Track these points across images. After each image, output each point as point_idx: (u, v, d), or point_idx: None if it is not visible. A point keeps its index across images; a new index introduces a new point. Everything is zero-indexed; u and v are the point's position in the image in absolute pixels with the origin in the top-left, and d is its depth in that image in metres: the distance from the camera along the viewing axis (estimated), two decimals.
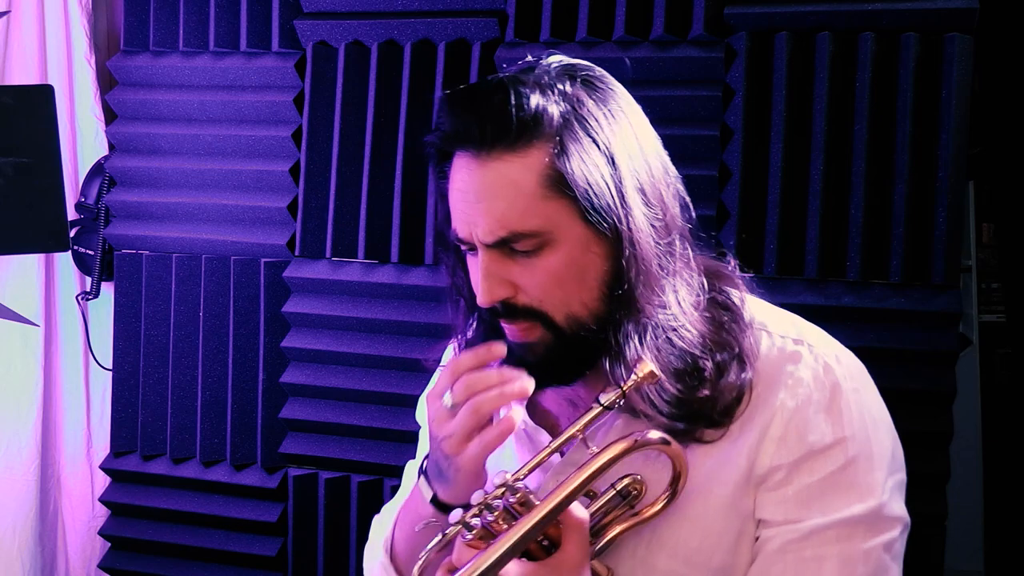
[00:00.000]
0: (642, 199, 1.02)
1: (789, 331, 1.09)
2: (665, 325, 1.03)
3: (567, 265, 1.01)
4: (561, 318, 1.03)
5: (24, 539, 2.52)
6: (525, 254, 1.01)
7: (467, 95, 1.02)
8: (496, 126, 0.99)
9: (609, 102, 1.04)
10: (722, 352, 1.04)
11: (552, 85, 1.01)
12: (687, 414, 1.02)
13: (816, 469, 1.02)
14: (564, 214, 1.00)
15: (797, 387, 1.04)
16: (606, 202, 0.99)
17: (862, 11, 1.94)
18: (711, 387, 1.03)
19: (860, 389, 1.07)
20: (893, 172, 1.93)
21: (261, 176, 2.34)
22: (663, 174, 1.06)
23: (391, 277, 2.23)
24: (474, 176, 1.00)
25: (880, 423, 1.07)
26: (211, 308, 2.38)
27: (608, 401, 1.01)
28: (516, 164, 0.99)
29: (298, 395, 2.31)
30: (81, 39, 2.54)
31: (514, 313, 1.03)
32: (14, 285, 2.52)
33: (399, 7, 2.23)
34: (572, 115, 1.00)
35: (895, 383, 1.92)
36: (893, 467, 1.06)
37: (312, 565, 2.31)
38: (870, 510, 1.02)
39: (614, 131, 1.02)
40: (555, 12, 2.11)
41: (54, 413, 2.60)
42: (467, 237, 1.03)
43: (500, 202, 0.99)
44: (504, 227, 0.99)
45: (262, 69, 2.34)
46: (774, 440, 1.03)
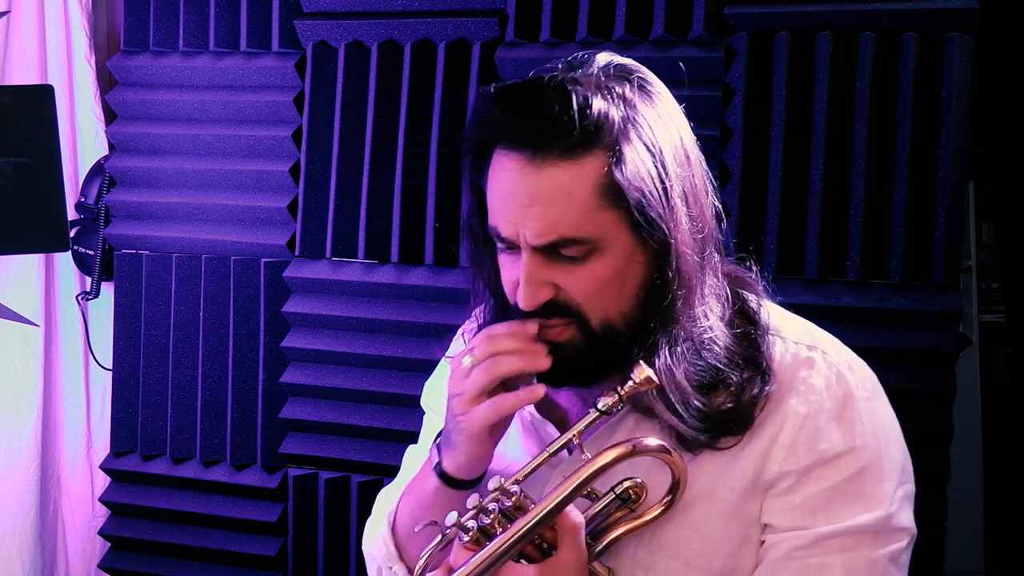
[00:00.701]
0: (686, 210, 1.02)
1: (803, 337, 1.09)
2: (696, 338, 1.03)
3: (611, 273, 1.01)
4: (597, 323, 1.02)
5: (24, 539, 2.52)
6: (571, 259, 1.00)
7: (526, 93, 1.00)
8: (556, 130, 0.96)
9: (658, 106, 1.03)
10: (747, 366, 1.04)
11: (611, 89, 1.00)
12: (709, 426, 1.02)
13: (825, 477, 1.02)
14: (615, 223, 0.99)
15: (809, 394, 1.04)
16: (656, 213, 0.99)
17: (862, 11, 1.94)
18: (734, 400, 1.02)
19: (872, 399, 1.07)
20: (893, 172, 1.93)
21: (261, 176, 2.34)
22: (704, 181, 1.06)
23: (391, 277, 2.23)
24: (527, 179, 0.98)
25: (891, 434, 1.07)
26: (211, 308, 2.38)
27: (606, 406, 1.01)
28: (573, 171, 0.97)
29: (298, 395, 2.31)
30: (81, 39, 2.54)
31: (552, 312, 1.02)
32: (14, 285, 2.52)
33: (399, 7, 2.23)
34: (629, 121, 0.99)
35: (895, 383, 1.90)
36: (903, 478, 1.05)
37: (312, 565, 2.31)
38: (877, 520, 1.01)
39: (665, 138, 1.01)
40: (555, 12, 2.11)
41: (54, 413, 2.60)
42: (512, 237, 1.01)
43: (553, 209, 0.98)
44: (555, 232, 0.98)
45: (262, 69, 2.34)
46: (784, 447, 1.03)
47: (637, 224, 0.99)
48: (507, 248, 1.04)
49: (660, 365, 1.01)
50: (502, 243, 1.04)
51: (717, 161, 2.02)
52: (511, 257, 1.04)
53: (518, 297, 1.02)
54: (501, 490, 0.99)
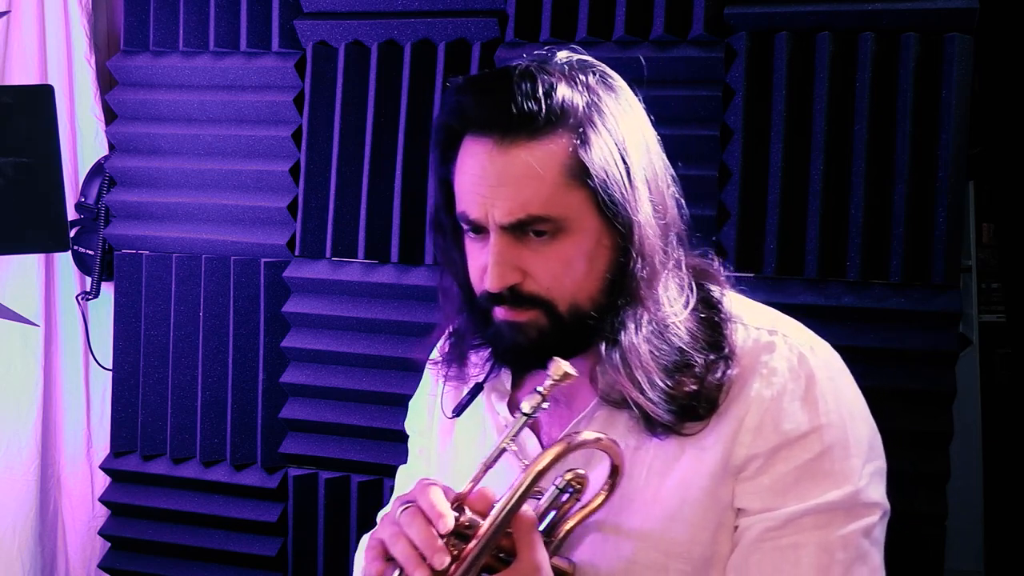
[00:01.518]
0: (648, 194, 1.06)
1: (764, 323, 1.10)
2: (659, 321, 1.05)
3: (579, 254, 1.03)
4: (565, 307, 1.05)
5: (24, 539, 2.52)
6: (539, 237, 1.03)
7: (494, 80, 1.04)
8: (523, 113, 1.00)
9: (620, 97, 1.07)
10: (710, 351, 1.06)
11: (576, 77, 1.04)
12: (675, 408, 1.04)
13: (792, 457, 1.03)
14: (581, 203, 1.02)
15: (772, 377, 1.05)
16: (620, 193, 1.02)
17: (862, 11, 1.94)
18: (698, 383, 1.04)
19: (835, 378, 1.08)
20: (893, 172, 1.93)
21: (261, 176, 2.34)
22: (665, 172, 1.10)
23: (391, 277, 2.23)
24: (496, 160, 1.02)
25: (856, 412, 1.08)
26: (211, 308, 2.38)
27: (531, 408, 1.01)
28: (540, 151, 1.01)
29: (298, 395, 2.31)
30: (81, 39, 2.54)
31: (519, 301, 1.04)
32: (14, 285, 2.52)
33: (399, 7, 2.23)
34: (593, 107, 1.03)
35: (895, 383, 1.92)
36: (871, 455, 1.06)
37: (312, 565, 2.31)
38: (847, 496, 1.02)
39: (627, 127, 1.05)
40: (555, 12, 2.11)
41: (54, 413, 2.60)
42: (481, 219, 1.03)
43: (522, 188, 1.01)
44: (524, 210, 1.01)
45: (262, 69, 2.34)
46: (750, 430, 1.04)
47: (602, 206, 1.02)
48: (475, 234, 1.06)
49: (626, 343, 1.03)
50: (471, 228, 1.06)
51: (717, 161, 2.02)
52: (479, 244, 1.06)
53: (485, 280, 1.04)
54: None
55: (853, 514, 1.02)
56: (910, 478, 1.92)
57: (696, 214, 1.13)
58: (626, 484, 1.06)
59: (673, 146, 1.14)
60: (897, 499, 2.01)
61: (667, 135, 1.15)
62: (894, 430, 1.99)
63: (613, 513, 1.07)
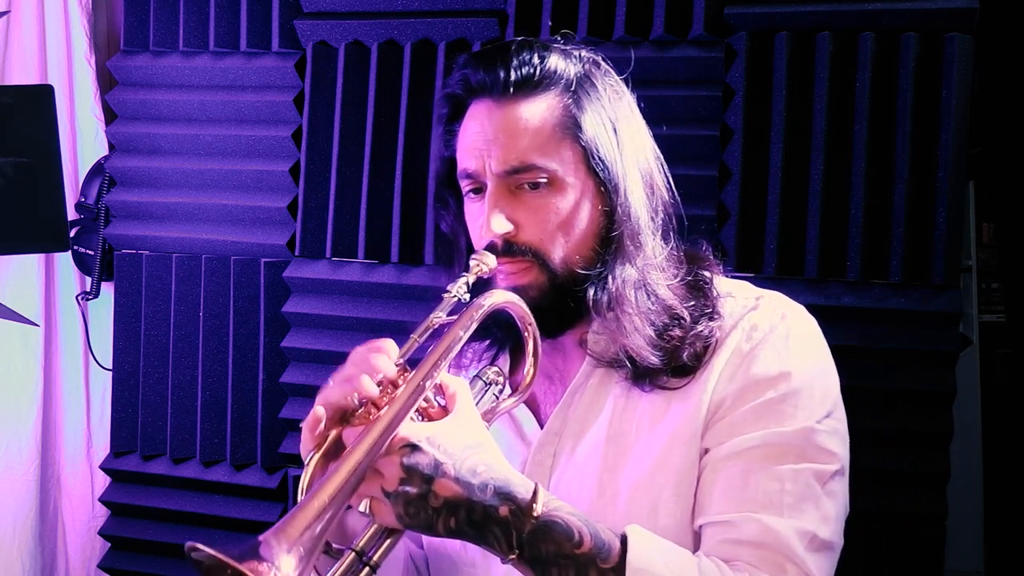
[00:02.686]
0: (636, 162, 1.13)
1: (750, 293, 1.16)
2: (646, 277, 1.11)
3: (569, 209, 1.10)
4: (557, 261, 1.10)
5: (24, 539, 2.52)
6: (533, 189, 1.09)
7: (494, 51, 1.13)
8: (521, 74, 1.10)
9: (612, 79, 1.16)
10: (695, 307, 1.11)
11: (570, 52, 1.14)
12: (664, 357, 1.09)
13: (756, 396, 1.07)
14: (572, 159, 1.10)
15: (753, 332, 1.10)
16: (609, 154, 1.10)
17: (862, 11, 1.94)
18: (684, 333, 1.09)
19: (812, 338, 1.12)
20: (893, 172, 1.93)
21: (261, 176, 2.34)
22: (652, 153, 1.16)
23: (391, 277, 2.23)
24: (494, 116, 1.10)
25: (827, 372, 1.11)
26: (211, 308, 2.38)
27: (455, 289, 1.07)
28: (534, 107, 1.10)
29: (298, 395, 2.31)
30: (81, 39, 2.54)
31: (512, 251, 1.10)
32: (14, 285, 2.52)
33: (399, 7, 2.23)
34: (586, 78, 1.13)
35: (895, 383, 1.92)
36: (834, 413, 1.09)
37: None
38: (800, 431, 1.05)
39: (617, 105, 1.14)
40: (555, 12, 2.11)
41: (54, 413, 2.60)
42: (479, 170, 1.11)
43: (517, 137, 1.09)
44: (518, 158, 1.08)
45: (262, 69, 2.34)
46: (725, 379, 1.08)
47: (593, 161, 1.10)
48: (474, 194, 1.13)
49: (613, 289, 1.09)
50: (469, 183, 1.13)
51: (717, 161, 2.02)
52: (477, 203, 1.13)
53: (483, 228, 1.10)
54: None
55: (806, 454, 1.04)
56: (910, 478, 1.92)
57: (696, 214, 1.14)
58: (618, 439, 1.11)
59: (673, 146, 1.16)
60: (897, 499, 2.02)
61: (667, 135, 1.17)
62: (894, 430, 2.00)
63: (608, 468, 1.10)
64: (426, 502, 0.95)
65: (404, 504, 0.95)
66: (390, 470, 0.94)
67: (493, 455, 1.00)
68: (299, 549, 0.85)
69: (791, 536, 1.01)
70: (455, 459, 0.96)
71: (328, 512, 0.88)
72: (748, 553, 1.01)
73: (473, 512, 0.96)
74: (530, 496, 0.98)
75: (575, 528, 0.98)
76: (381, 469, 0.95)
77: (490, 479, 0.97)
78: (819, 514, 1.03)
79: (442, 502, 0.95)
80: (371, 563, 0.98)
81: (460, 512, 0.96)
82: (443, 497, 0.95)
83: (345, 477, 0.91)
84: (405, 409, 0.96)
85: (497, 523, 0.96)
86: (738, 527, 1.02)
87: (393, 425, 0.95)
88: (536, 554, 0.97)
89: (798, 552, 1.00)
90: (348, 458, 0.92)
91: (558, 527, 0.97)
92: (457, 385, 1.03)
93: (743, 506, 1.03)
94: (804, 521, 1.02)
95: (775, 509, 1.02)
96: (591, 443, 1.12)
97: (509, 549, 0.97)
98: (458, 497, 0.95)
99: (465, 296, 1.07)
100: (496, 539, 0.97)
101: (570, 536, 0.97)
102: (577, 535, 0.97)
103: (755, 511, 1.02)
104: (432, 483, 0.94)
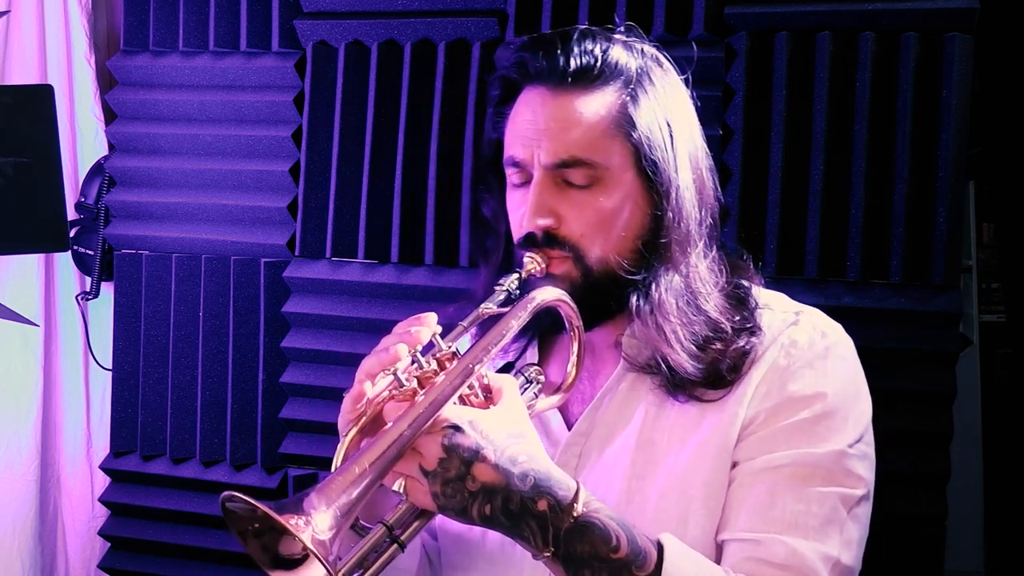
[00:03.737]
0: (688, 164, 1.11)
1: (790, 307, 1.15)
2: (690, 287, 1.09)
3: (614, 208, 1.08)
4: (594, 259, 1.09)
5: (24, 539, 2.52)
6: (578, 187, 1.08)
7: (557, 35, 1.11)
8: (580, 64, 1.08)
9: (670, 75, 1.15)
10: (737, 321, 1.10)
11: (632, 45, 1.13)
12: (701, 366, 1.07)
13: (791, 414, 1.06)
14: (622, 158, 1.08)
15: (791, 348, 1.09)
16: (661, 155, 1.08)
17: (862, 11, 1.94)
18: (725, 347, 1.07)
19: (849, 360, 1.11)
20: (893, 172, 1.93)
21: (261, 176, 2.34)
22: (704, 153, 1.15)
23: (391, 277, 2.23)
24: (547, 105, 1.08)
25: (861, 397, 1.10)
26: (211, 308, 2.37)
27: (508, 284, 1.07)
28: (590, 100, 1.08)
29: (298, 395, 2.31)
30: (81, 39, 2.54)
31: (552, 243, 1.08)
32: (14, 285, 2.52)
33: (399, 7, 2.23)
34: (645, 74, 1.11)
35: (895, 383, 1.92)
36: (866, 438, 1.08)
37: None
38: (830, 454, 1.04)
39: (674, 99, 1.13)
40: (555, 12, 2.11)
41: (54, 413, 2.60)
42: (526, 159, 1.09)
43: (568, 130, 1.07)
44: (568, 152, 1.07)
45: (262, 69, 2.34)
46: (760, 394, 1.07)
47: (642, 165, 1.08)
48: (518, 181, 1.11)
49: (656, 298, 1.07)
50: (515, 172, 1.10)
51: (717, 161, 2.02)
52: (521, 192, 1.11)
53: (524, 219, 1.08)
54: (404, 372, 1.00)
55: (835, 478, 1.04)
56: (910, 478, 1.92)
57: None
58: (649, 446, 1.09)
59: None
60: (897, 499, 2.01)
61: None
62: (894, 430, 2.00)
63: (637, 475, 1.09)
64: (463, 485, 0.94)
65: (441, 484, 0.94)
66: (430, 449, 0.94)
67: (536, 448, 0.99)
68: (336, 511, 0.85)
69: (816, 561, 1.00)
70: (496, 446, 0.95)
71: (367, 478, 0.89)
72: (772, 573, 1.00)
73: (510, 501, 0.95)
74: (572, 494, 0.97)
75: (613, 532, 0.97)
76: (420, 448, 0.94)
77: (531, 470, 0.96)
78: (843, 539, 1.03)
79: (479, 486, 0.94)
80: (399, 540, 0.97)
81: (497, 499, 0.95)
82: (481, 481, 0.94)
83: (386, 446, 0.91)
84: (452, 389, 0.96)
85: (534, 516, 0.96)
86: (764, 546, 1.02)
87: (438, 403, 0.95)
88: (571, 553, 0.96)
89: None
90: (391, 429, 0.92)
91: (596, 529, 0.96)
92: (504, 380, 1.03)
93: (769, 525, 1.02)
94: (828, 545, 1.02)
95: (800, 531, 1.01)
96: (619, 448, 1.11)
97: (544, 545, 0.96)
98: (496, 483, 0.94)
99: (516, 291, 1.06)
100: (532, 533, 0.96)
101: (607, 539, 0.96)
102: (615, 539, 0.96)
103: (780, 532, 1.01)
104: (471, 466, 0.94)
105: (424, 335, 1.01)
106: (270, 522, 0.83)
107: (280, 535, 0.88)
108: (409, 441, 0.92)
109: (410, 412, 0.93)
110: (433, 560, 1.23)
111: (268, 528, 0.87)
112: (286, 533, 0.83)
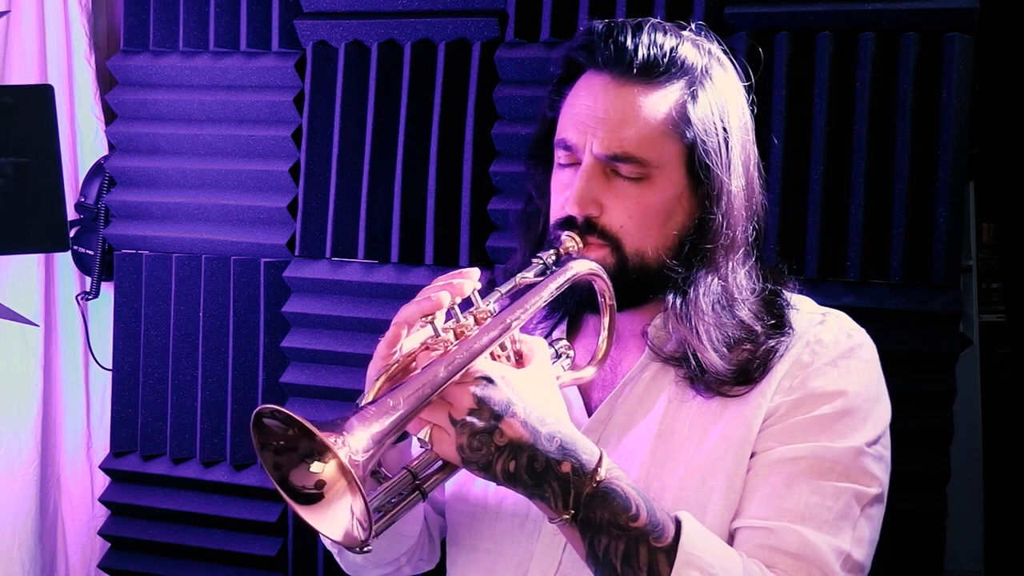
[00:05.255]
0: (741, 169, 1.12)
1: (817, 309, 1.17)
2: (728, 292, 1.10)
3: (658, 205, 1.09)
4: (631, 251, 1.09)
5: (24, 539, 2.52)
6: (625, 180, 1.08)
7: (626, 26, 1.11)
8: (647, 56, 1.08)
9: (732, 77, 1.16)
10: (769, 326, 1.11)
11: (700, 43, 1.14)
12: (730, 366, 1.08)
13: (811, 408, 1.07)
14: (674, 156, 1.09)
15: (816, 346, 1.10)
16: (714, 159, 1.08)
17: (862, 11, 1.93)
18: (754, 346, 1.09)
19: (872, 363, 1.13)
20: (893, 172, 1.93)
21: (261, 176, 2.34)
22: (756, 161, 1.15)
23: (391, 277, 2.23)
24: (608, 94, 1.08)
25: (882, 401, 1.12)
26: (211, 308, 2.38)
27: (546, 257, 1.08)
28: (651, 96, 1.08)
29: (298, 395, 2.31)
30: (81, 39, 2.54)
31: (590, 230, 1.09)
32: (14, 285, 2.52)
33: (399, 7, 2.23)
34: (708, 74, 1.12)
35: (895, 383, 1.91)
36: (883, 440, 1.10)
37: (312, 565, 2.31)
38: (848, 451, 1.05)
39: (733, 103, 1.14)
40: (555, 12, 2.11)
41: (54, 413, 2.60)
42: (578, 145, 1.09)
43: (625, 124, 1.07)
44: (621, 147, 1.07)
45: (262, 69, 2.34)
46: (784, 388, 1.08)
47: (693, 166, 1.09)
48: (566, 162, 1.12)
49: (693, 297, 1.07)
50: (564, 154, 1.11)
51: None
52: (567, 173, 1.12)
53: (567, 203, 1.08)
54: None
55: (851, 474, 1.05)
56: (910, 478, 1.92)
57: None
58: (668, 436, 1.10)
59: None
60: (897, 499, 2.01)
61: None
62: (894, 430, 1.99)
63: (655, 463, 1.10)
64: (491, 438, 0.94)
65: (469, 435, 0.94)
66: (461, 399, 0.94)
67: (563, 412, 1.01)
68: (370, 437, 0.86)
69: (828, 552, 1.01)
70: (527, 403, 0.96)
71: (399, 411, 0.89)
72: (785, 562, 1.01)
73: (535, 460, 0.95)
74: (595, 460, 0.98)
75: (633, 501, 0.97)
76: (451, 397, 0.95)
77: (558, 432, 0.97)
78: (855, 535, 1.03)
79: (507, 441, 0.95)
80: (422, 488, 0.98)
81: (523, 456, 0.95)
82: (508, 437, 0.95)
83: (421, 384, 0.92)
84: (490, 340, 0.97)
85: (557, 478, 0.96)
86: (777, 535, 1.02)
87: (475, 352, 0.95)
88: (590, 518, 0.97)
89: (835, 569, 1.01)
90: (427, 369, 0.93)
91: (617, 496, 0.97)
92: (535, 343, 1.04)
93: (783, 515, 1.03)
94: (840, 540, 1.02)
95: (814, 523, 1.02)
96: (639, 437, 1.12)
97: (564, 508, 0.97)
98: (523, 440, 0.95)
99: (553, 266, 1.07)
100: (553, 494, 0.96)
101: (627, 508, 0.97)
102: (634, 508, 0.97)
103: (794, 522, 1.02)
104: (500, 420, 0.94)
105: (467, 287, 1.01)
106: (303, 440, 0.83)
107: (303, 460, 0.89)
108: (443, 384, 0.93)
109: (446, 356, 0.94)
110: (433, 535, 1.23)
111: (294, 448, 0.88)
112: (326, 451, 0.85)
